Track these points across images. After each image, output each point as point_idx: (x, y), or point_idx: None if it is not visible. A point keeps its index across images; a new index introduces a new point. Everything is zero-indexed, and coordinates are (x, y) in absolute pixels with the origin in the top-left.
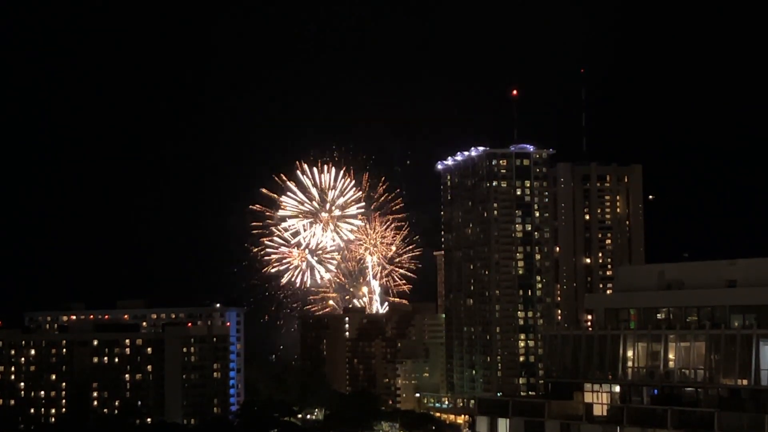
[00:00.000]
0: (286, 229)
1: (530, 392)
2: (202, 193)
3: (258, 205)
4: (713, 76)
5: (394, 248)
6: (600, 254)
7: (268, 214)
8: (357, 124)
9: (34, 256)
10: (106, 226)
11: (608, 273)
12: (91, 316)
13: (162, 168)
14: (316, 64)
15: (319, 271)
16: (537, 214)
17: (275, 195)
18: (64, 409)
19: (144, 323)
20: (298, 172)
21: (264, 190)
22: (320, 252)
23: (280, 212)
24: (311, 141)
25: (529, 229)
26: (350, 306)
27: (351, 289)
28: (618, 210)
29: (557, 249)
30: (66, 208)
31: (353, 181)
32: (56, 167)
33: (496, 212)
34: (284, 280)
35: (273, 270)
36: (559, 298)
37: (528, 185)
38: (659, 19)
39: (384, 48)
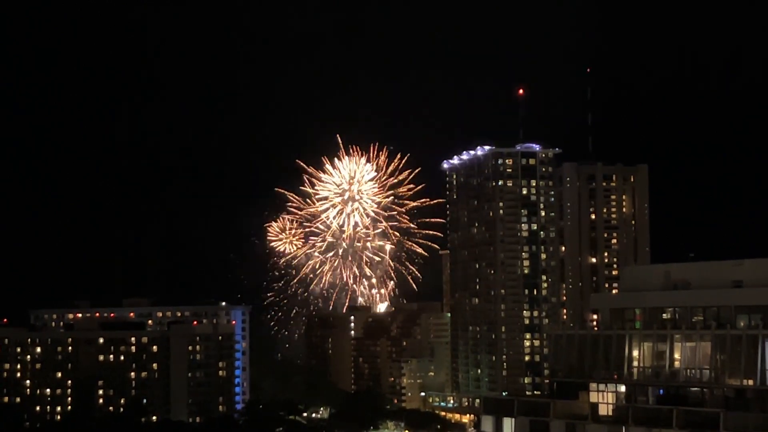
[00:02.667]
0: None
1: (535, 392)
2: (208, 190)
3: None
4: (719, 76)
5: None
6: (606, 254)
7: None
8: (359, 124)
9: (39, 254)
10: (111, 223)
11: (614, 273)
12: (97, 314)
13: (168, 165)
14: (318, 61)
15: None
16: (543, 214)
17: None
18: (69, 407)
19: (149, 321)
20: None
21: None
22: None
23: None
24: (315, 139)
25: (535, 228)
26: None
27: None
28: (624, 210)
29: (563, 248)
30: (71, 206)
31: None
32: (61, 165)
33: (501, 211)
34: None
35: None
36: (564, 298)
37: (534, 184)
38: (665, 19)
39: (388, 46)
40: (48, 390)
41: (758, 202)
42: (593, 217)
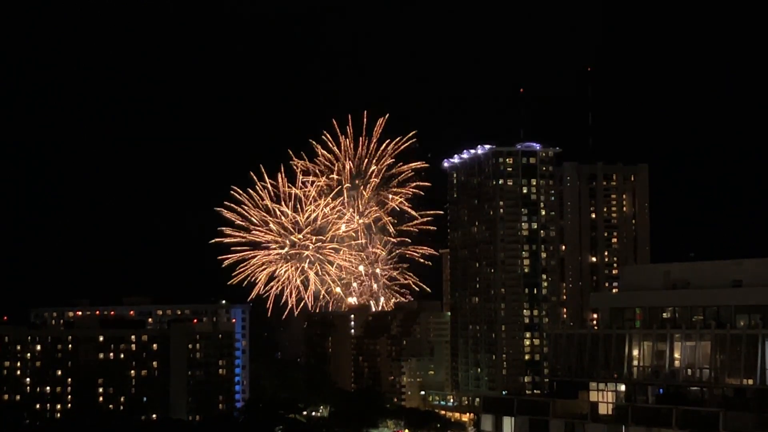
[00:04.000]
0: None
1: (535, 391)
2: (209, 189)
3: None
4: (720, 76)
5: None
6: (606, 253)
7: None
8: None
9: (39, 252)
10: (111, 222)
11: (614, 272)
12: (97, 312)
13: (168, 164)
14: (318, 56)
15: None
16: (543, 213)
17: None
18: (69, 405)
19: (150, 319)
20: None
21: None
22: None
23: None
24: (314, 138)
25: (535, 227)
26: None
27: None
28: (624, 209)
29: (563, 248)
30: (71, 204)
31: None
32: (61, 163)
33: (502, 210)
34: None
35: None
36: (564, 297)
37: (534, 184)
38: (666, 19)
39: (389, 46)
40: (48, 388)
41: (758, 202)
42: (593, 216)
